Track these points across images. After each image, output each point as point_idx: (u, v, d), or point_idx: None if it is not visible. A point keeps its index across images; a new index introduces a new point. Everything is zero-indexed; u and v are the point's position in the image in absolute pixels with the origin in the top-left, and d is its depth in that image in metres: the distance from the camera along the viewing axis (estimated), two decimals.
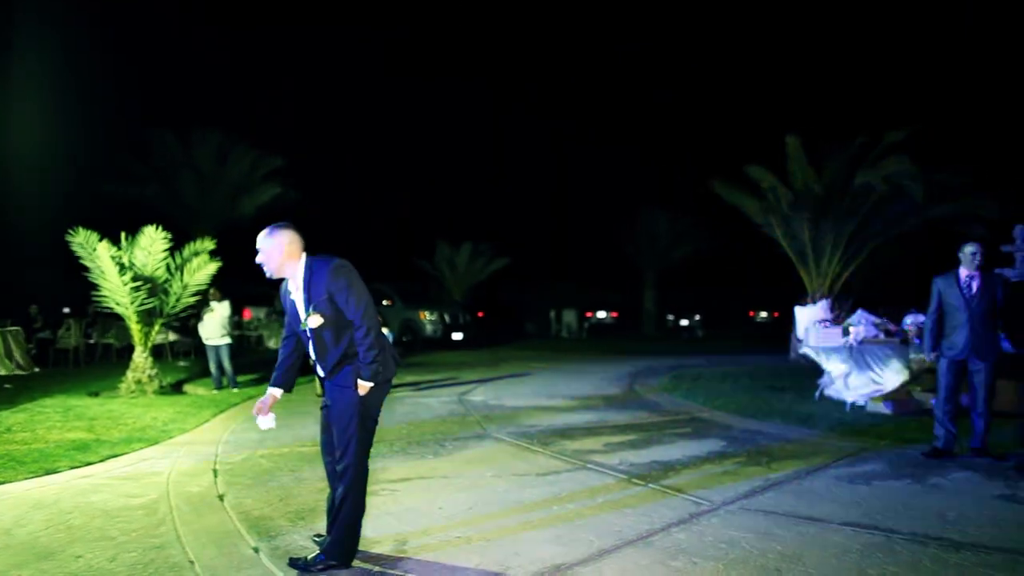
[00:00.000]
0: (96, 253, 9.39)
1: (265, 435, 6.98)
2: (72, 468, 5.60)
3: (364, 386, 3.43)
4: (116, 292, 9.66)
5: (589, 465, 5.69)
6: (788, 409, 8.39)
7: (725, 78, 43.19)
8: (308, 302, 3.44)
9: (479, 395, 10.03)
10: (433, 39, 48.82)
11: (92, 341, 15.03)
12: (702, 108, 41.25)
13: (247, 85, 37.29)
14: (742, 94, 41.42)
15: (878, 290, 19.54)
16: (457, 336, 20.53)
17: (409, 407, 8.87)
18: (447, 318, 20.47)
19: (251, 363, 13.75)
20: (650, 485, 5.06)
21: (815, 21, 39.70)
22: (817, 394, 9.13)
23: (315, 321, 3.43)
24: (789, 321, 15.54)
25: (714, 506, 4.52)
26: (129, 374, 10.03)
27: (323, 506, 3.77)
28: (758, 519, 4.25)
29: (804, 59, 37.81)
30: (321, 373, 3.58)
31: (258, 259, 3.52)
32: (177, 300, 10.16)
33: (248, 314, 20.38)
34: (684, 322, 34.13)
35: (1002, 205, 13.09)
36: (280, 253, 3.47)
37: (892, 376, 7.99)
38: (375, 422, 3.60)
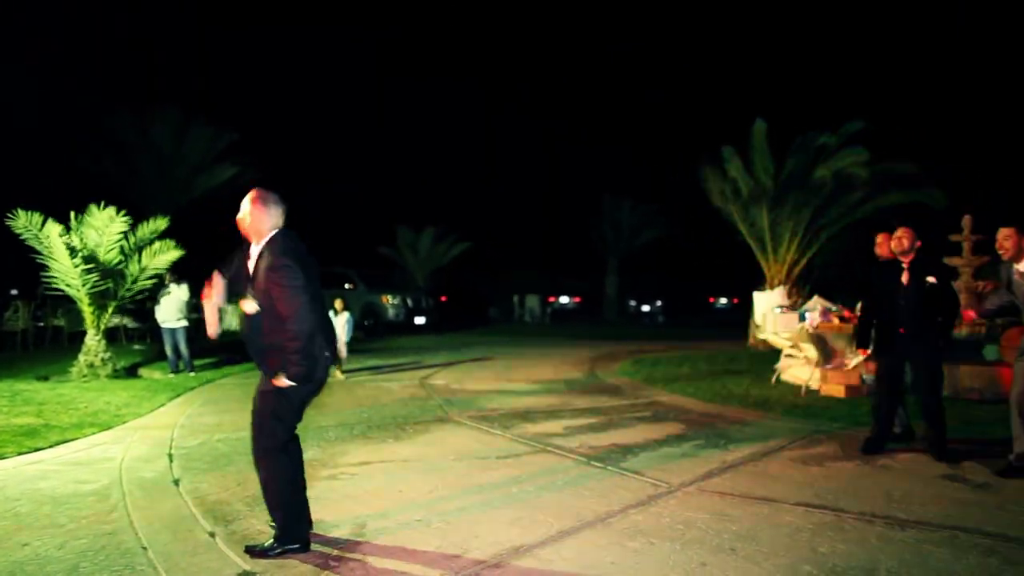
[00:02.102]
0: (45, 234, 9.08)
1: (222, 419, 6.89)
2: (19, 454, 5.43)
3: (282, 381, 3.33)
4: (67, 274, 9.37)
5: (549, 448, 5.73)
6: (745, 393, 8.56)
7: (705, 72, 43.67)
8: (251, 282, 3.37)
9: (441, 379, 10.01)
10: (425, 39, 48.47)
11: (42, 324, 14.57)
12: (676, 101, 41.65)
13: (238, 81, 36.52)
14: (721, 87, 41.90)
15: (835, 277, 20.02)
16: (420, 320, 20.46)
17: (370, 391, 8.81)
18: (410, 302, 20.37)
19: (209, 347, 13.48)
20: (609, 468, 5.11)
21: (794, 22, 40.40)
22: (774, 378, 9.33)
23: (250, 307, 3.36)
24: (748, 307, 15.86)
25: (672, 488, 4.59)
26: (81, 357, 9.76)
27: None
28: (714, 500, 4.34)
29: (773, 54, 38.50)
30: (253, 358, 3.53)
31: (238, 216, 3.48)
32: (133, 282, 9.90)
33: (205, 298, 19.95)
34: (645, 308, 34.62)
35: (950, 192, 13.54)
36: (252, 220, 3.42)
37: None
38: (296, 416, 3.48)
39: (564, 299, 36.88)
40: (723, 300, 45.12)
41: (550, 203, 41.55)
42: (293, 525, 3.46)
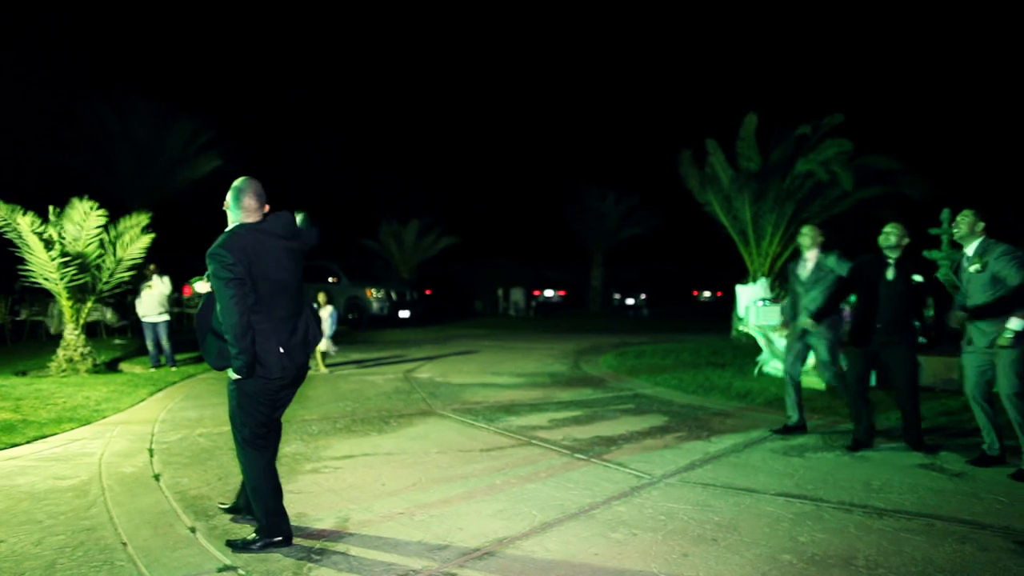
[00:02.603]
0: (19, 228, 8.93)
1: (203, 414, 6.83)
2: None
3: (231, 375, 3.36)
4: (44, 267, 9.23)
5: (533, 441, 5.75)
6: (728, 385, 8.62)
7: (695, 69, 43.80)
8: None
9: (425, 372, 10.00)
10: (418, 41, 48.34)
11: (20, 318, 14.36)
12: (667, 96, 41.76)
13: (229, 75, 36.16)
14: (708, 83, 42.06)
15: None
16: (404, 314, 20.38)
17: (354, 384, 8.78)
18: (394, 296, 20.28)
19: (191, 341, 13.36)
20: (593, 460, 5.14)
21: (781, 19, 40.64)
22: (756, 371, 9.41)
23: (200, 286, 3.35)
24: (731, 300, 15.97)
25: (654, 479, 4.62)
26: (60, 352, 9.63)
27: None
28: (697, 491, 4.37)
29: (761, 51, 38.75)
30: None
31: None
32: (111, 275, 9.77)
33: (188, 291, 19.77)
34: (630, 301, 34.74)
35: (930, 186, 13.71)
36: (227, 207, 3.46)
37: None
38: (260, 409, 3.41)
39: (549, 292, 36.90)
40: (707, 293, 45.35)
41: (538, 197, 41.59)
42: (273, 519, 3.44)
